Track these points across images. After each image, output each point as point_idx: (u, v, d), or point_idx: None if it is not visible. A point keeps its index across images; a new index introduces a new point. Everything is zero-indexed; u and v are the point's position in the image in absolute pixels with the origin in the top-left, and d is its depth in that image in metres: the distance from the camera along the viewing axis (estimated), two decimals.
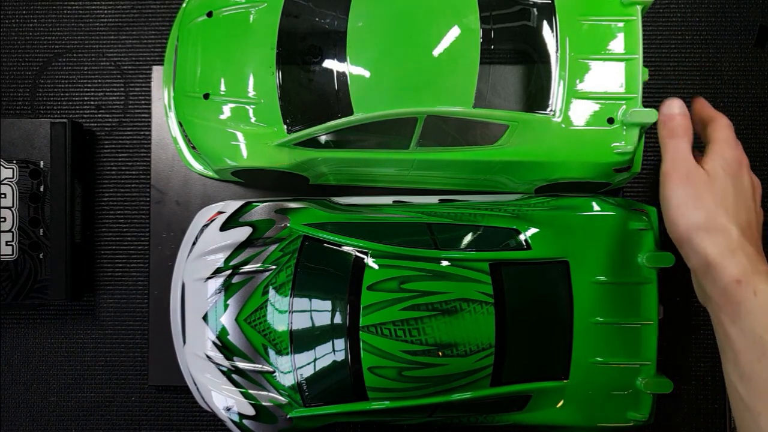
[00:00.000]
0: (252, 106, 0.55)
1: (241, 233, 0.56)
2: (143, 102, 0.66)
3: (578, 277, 0.53)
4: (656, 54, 0.65)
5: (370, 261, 0.53)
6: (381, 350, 0.51)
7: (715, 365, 0.64)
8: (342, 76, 0.53)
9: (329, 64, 0.53)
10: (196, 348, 0.55)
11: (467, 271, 0.52)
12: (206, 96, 0.56)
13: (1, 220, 0.61)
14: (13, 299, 0.61)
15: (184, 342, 0.56)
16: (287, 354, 0.53)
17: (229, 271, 0.55)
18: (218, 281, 0.55)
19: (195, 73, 0.56)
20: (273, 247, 0.55)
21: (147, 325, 0.64)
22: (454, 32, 0.52)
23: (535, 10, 0.54)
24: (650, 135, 0.65)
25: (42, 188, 0.61)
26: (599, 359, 0.53)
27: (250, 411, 0.54)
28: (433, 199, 0.60)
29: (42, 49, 0.67)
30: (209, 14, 0.57)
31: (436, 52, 0.52)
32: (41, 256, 0.61)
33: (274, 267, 0.54)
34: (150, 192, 0.64)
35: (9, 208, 0.61)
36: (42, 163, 0.61)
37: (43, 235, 0.61)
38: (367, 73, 0.52)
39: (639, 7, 0.52)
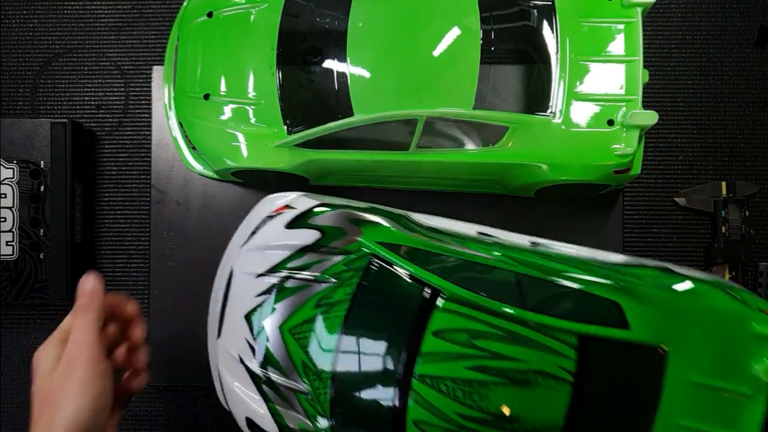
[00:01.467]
0: (252, 107, 0.55)
1: (308, 236, 0.50)
2: (143, 102, 0.66)
3: (675, 371, 0.45)
4: (657, 54, 0.65)
5: (441, 303, 0.46)
6: (432, 405, 0.44)
7: None
8: (342, 77, 0.53)
9: (329, 64, 0.53)
10: (230, 345, 0.51)
11: (551, 341, 0.45)
12: (206, 96, 0.56)
13: (2, 220, 0.61)
14: (13, 299, 0.61)
15: (219, 335, 0.52)
16: (327, 382, 0.47)
17: (284, 273, 0.50)
18: (270, 280, 0.50)
19: (195, 73, 0.56)
20: (337, 259, 0.49)
21: (147, 325, 0.64)
22: (455, 33, 0.52)
23: (535, 11, 0.54)
24: (650, 136, 0.65)
25: (42, 188, 0.61)
26: None
27: (272, 428, 0.49)
28: (524, 240, 0.52)
29: (42, 49, 0.67)
30: (209, 15, 0.57)
31: (437, 53, 0.52)
32: (41, 256, 0.61)
33: (334, 281, 0.48)
34: (150, 192, 0.64)
35: (9, 208, 0.61)
36: (42, 163, 0.61)
37: (43, 235, 0.61)
38: (367, 75, 0.52)
39: (639, 9, 0.52)
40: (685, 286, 0.48)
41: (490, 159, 0.54)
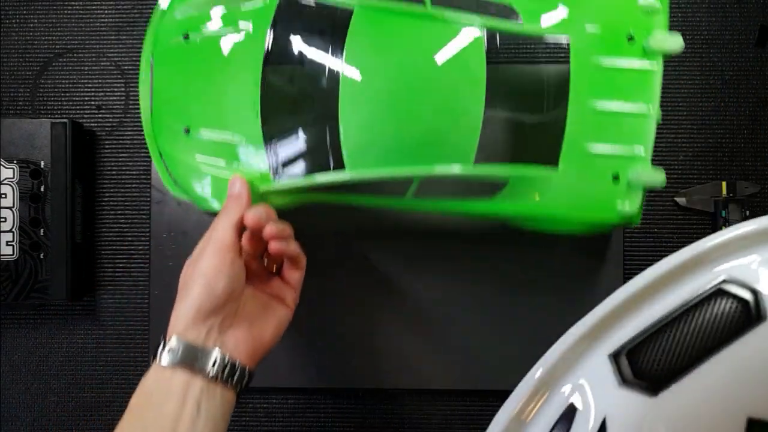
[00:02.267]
0: (236, 148, 0.51)
1: None
2: None
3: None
4: None
5: None
6: None
7: None
8: (333, 128, 0.49)
9: (320, 113, 0.50)
10: None
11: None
12: (187, 130, 0.51)
13: (2, 220, 0.61)
14: (13, 299, 0.61)
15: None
16: None
17: None
18: None
19: (174, 102, 0.52)
20: None
21: (148, 325, 0.64)
22: (458, 87, 0.49)
23: (546, 55, 0.50)
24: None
25: (42, 188, 0.61)
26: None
27: None
28: None
29: (43, 49, 0.67)
30: (186, 37, 0.52)
31: (437, 108, 0.49)
32: (42, 256, 0.61)
33: None
34: (150, 192, 0.64)
35: (9, 208, 0.61)
36: (42, 163, 0.61)
37: (43, 235, 0.61)
38: (360, 130, 0.49)
39: (661, 57, 0.48)
40: None
41: (489, 210, 0.51)
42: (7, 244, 0.61)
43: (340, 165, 0.49)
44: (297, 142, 0.51)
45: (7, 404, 0.65)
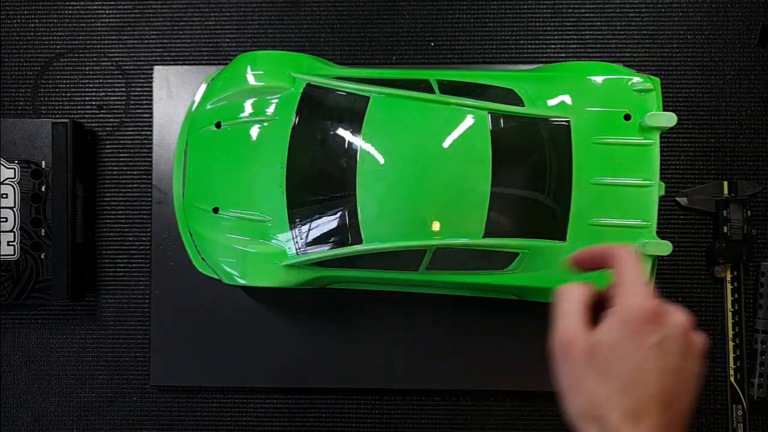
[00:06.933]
0: (261, 225, 0.54)
1: None
2: (145, 102, 0.66)
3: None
4: (659, 54, 0.65)
5: None
6: None
7: (715, 366, 0.64)
8: (351, 205, 0.52)
9: (339, 191, 0.52)
10: None
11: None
12: (215, 210, 0.55)
13: (3, 220, 0.61)
14: (14, 299, 0.61)
15: None
16: None
17: None
18: None
19: (204, 184, 0.56)
20: None
21: (148, 325, 0.64)
22: (465, 166, 0.51)
23: (548, 136, 0.52)
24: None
25: (43, 188, 0.61)
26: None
27: None
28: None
29: (43, 49, 0.67)
30: (217, 125, 0.56)
31: (446, 185, 0.51)
32: (43, 257, 0.61)
33: None
34: (151, 192, 0.64)
35: (11, 208, 0.61)
36: (44, 163, 0.61)
37: (44, 235, 0.61)
38: (377, 205, 0.51)
39: (657, 132, 0.51)
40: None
41: (500, 282, 0.53)
42: (8, 244, 0.61)
43: (357, 240, 0.52)
44: (318, 218, 0.53)
45: (8, 404, 0.65)
